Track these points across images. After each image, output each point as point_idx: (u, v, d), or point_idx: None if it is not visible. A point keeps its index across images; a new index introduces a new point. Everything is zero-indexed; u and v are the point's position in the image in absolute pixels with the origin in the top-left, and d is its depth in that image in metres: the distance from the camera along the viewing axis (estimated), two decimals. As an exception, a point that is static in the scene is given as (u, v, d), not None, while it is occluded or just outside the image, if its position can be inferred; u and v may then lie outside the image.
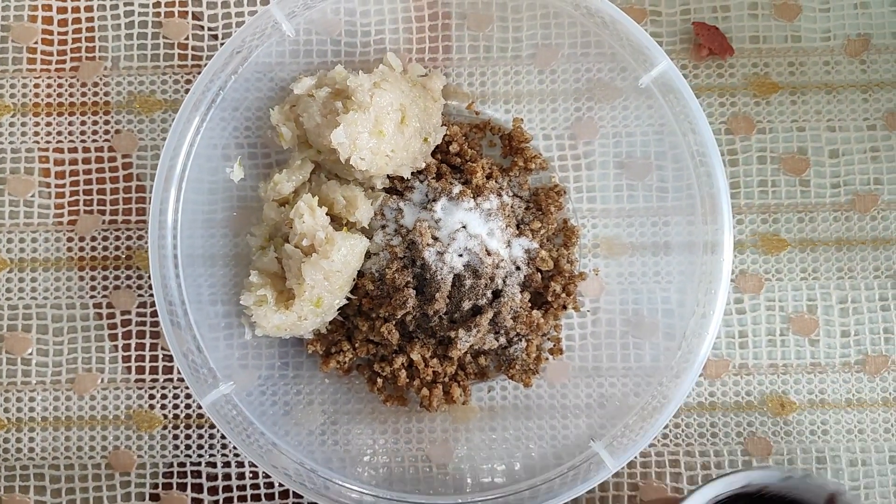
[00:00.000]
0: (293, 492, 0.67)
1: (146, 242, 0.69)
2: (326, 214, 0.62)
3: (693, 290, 0.61)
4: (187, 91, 0.70)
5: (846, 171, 0.70)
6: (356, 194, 0.63)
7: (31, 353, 0.69)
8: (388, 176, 0.66)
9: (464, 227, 0.64)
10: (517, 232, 0.66)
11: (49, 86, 0.70)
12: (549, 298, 0.66)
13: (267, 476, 0.67)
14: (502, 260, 0.64)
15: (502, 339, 0.66)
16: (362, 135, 0.60)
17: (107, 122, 0.70)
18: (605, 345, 0.67)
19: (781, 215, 0.70)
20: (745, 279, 0.69)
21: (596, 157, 0.69)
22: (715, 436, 0.68)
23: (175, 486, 0.68)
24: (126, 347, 0.69)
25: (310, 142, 0.64)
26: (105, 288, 0.69)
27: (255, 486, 0.68)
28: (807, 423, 0.68)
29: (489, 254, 0.64)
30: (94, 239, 0.70)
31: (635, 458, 0.65)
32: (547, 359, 0.67)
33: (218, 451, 0.68)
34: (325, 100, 0.61)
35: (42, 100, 0.70)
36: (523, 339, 0.66)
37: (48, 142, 0.70)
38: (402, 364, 0.65)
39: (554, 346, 0.68)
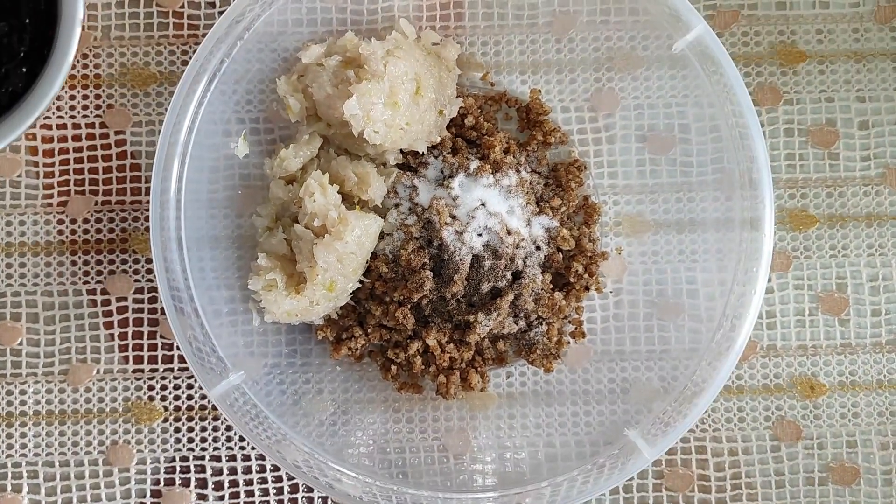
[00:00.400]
0: (303, 486, 0.64)
1: (142, 224, 0.65)
2: (338, 193, 0.59)
3: (730, 269, 0.58)
4: (184, 63, 0.66)
5: (876, 143, 0.67)
6: (368, 171, 0.60)
7: (21, 344, 0.65)
8: (400, 151, 0.62)
9: (483, 204, 0.60)
10: (537, 210, 0.63)
11: (35, 58, 0.66)
12: (571, 279, 0.63)
13: (275, 469, 0.64)
14: (523, 239, 0.61)
15: (522, 323, 0.63)
16: (376, 106, 0.56)
17: (98, 97, 0.66)
18: (629, 327, 0.64)
19: (810, 190, 0.67)
20: (773, 257, 0.66)
21: (617, 130, 0.65)
22: (742, 420, 0.65)
23: (178, 481, 0.65)
24: (123, 336, 0.65)
25: (319, 114, 0.60)
26: (99, 273, 0.65)
27: (263, 481, 0.64)
28: (837, 405, 0.66)
29: (509, 233, 0.61)
30: (86, 221, 0.66)
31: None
32: (568, 343, 0.64)
33: (223, 443, 0.65)
34: (335, 69, 0.58)
35: (27, 73, 0.66)
36: (544, 323, 0.63)
37: (35, 118, 0.66)
38: (418, 350, 0.62)
39: (576, 329, 0.65)
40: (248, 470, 0.64)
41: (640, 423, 0.59)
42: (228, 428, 0.65)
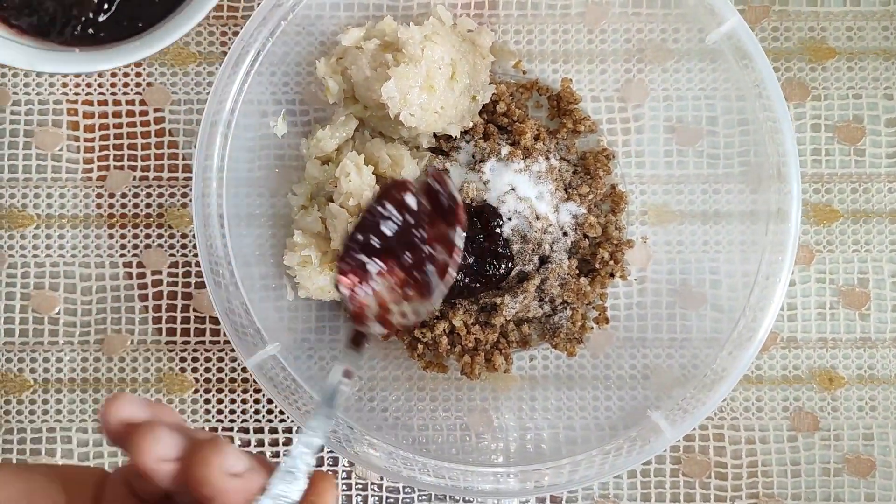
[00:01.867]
0: (328, 458, 0.66)
1: (179, 200, 0.67)
2: (371, 174, 0.60)
3: (748, 261, 0.59)
4: (222, 44, 0.67)
5: (903, 140, 0.68)
6: (402, 153, 0.61)
7: (58, 312, 0.67)
8: (433, 135, 0.63)
9: (512, 189, 0.62)
10: (565, 196, 0.64)
11: (79, 35, 0.67)
12: (597, 266, 0.64)
13: (302, 442, 0.66)
14: (550, 225, 0.62)
15: (547, 307, 0.64)
16: (413, 89, 0.57)
17: (138, 75, 0.67)
18: (651, 315, 0.66)
19: (834, 185, 0.68)
20: (797, 250, 0.67)
21: (646, 120, 0.66)
22: (761, 410, 0.67)
23: (207, 450, 0.66)
24: (157, 308, 0.67)
25: (357, 96, 0.61)
26: (135, 247, 0.67)
27: (290, 452, 0.66)
28: (855, 398, 0.67)
29: (538, 218, 0.62)
30: (124, 196, 0.67)
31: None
32: (592, 328, 0.66)
33: (251, 416, 0.66)
34: (374, 52, 0.59)
35: (71, 49, 0.67)
36: (568, 308, 0.64)
37: (77, 94, 0.67)
38: (444, 330, 0.63)
39: (599, 315, 0.66)
40: (275, 442, 0.66)
41: (660, 407, 0.60)
42: (257, 401, 0.67)
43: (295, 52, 0.64)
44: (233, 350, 0.66)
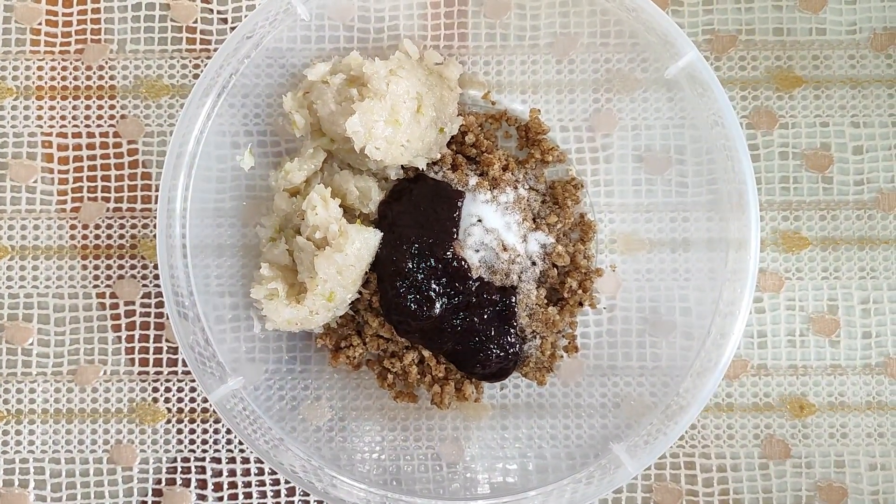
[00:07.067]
0: (300, 489, 0.66)
1: (151, 231, 0.67)
2: (339, 206, 0.60)
3: (716, 289, 0.60)
4: (195, 76, 0.68)
5: (870, 168, 0.68)
6: (370, 185, 0.61)
7: (31, 343, 0.67)
8: (401, 166, 0.64)
9: (479, 220, 0.62)
10: (533, 226, 0.64)
11: (53, 69, 0.68)
12: (565, 295, 0.65)
13: (273, 473, 0.66)
14: (518, 255, 0.63)
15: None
16: (378, 123, 0.58)
17: (112, 107, 0.68)
18: (622, 343, 0.66)
19: (803, 213, 0.68)
20: (765, 278, 0.67)
21: (614, 150, 0.67)
22: (732, 437, 0.67)
23: (178, 481, 0.66)
24: (129, 339, 0.67)
25: (323, 130, 0.62)
26: (109, 277, 0.68)
27: (261, 483, 0.66)
28: (826, 425, 0.67)
29: (505, 249, 0.62)
30: (97, 227, 0.68)
31: (649, 458, 0.64)
32: (561, 357, 0.66)
33: (223, 445, 0.66)
34: (339, 87, 0.59)
35: (46, 83, 0.68)
36: (538, 337, 0.64)
37: (51, 126, 0.68)
38: (413, 360, 0.63)
39: (569, 343, 0.66)
40: (246, 472, 0.66)
41: (627, 437, 0.60)
42: (229, 431, 0.67)
43: (265, 84, 0.64)
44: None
